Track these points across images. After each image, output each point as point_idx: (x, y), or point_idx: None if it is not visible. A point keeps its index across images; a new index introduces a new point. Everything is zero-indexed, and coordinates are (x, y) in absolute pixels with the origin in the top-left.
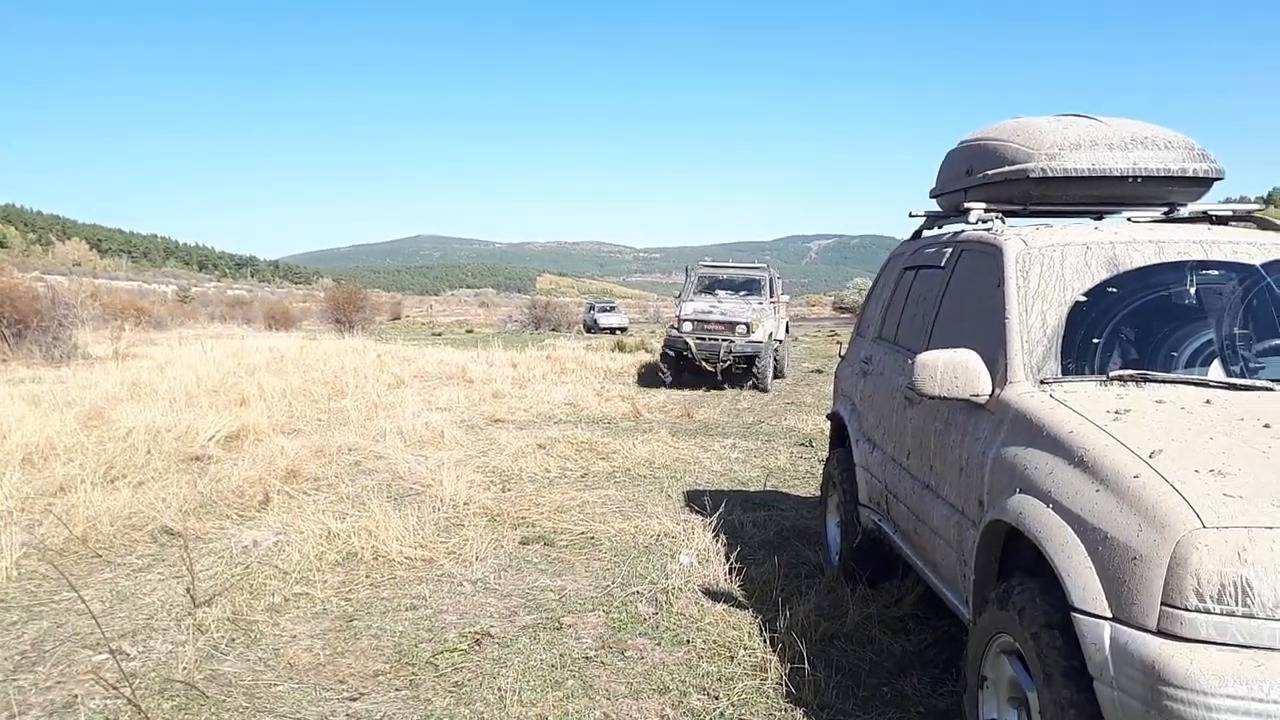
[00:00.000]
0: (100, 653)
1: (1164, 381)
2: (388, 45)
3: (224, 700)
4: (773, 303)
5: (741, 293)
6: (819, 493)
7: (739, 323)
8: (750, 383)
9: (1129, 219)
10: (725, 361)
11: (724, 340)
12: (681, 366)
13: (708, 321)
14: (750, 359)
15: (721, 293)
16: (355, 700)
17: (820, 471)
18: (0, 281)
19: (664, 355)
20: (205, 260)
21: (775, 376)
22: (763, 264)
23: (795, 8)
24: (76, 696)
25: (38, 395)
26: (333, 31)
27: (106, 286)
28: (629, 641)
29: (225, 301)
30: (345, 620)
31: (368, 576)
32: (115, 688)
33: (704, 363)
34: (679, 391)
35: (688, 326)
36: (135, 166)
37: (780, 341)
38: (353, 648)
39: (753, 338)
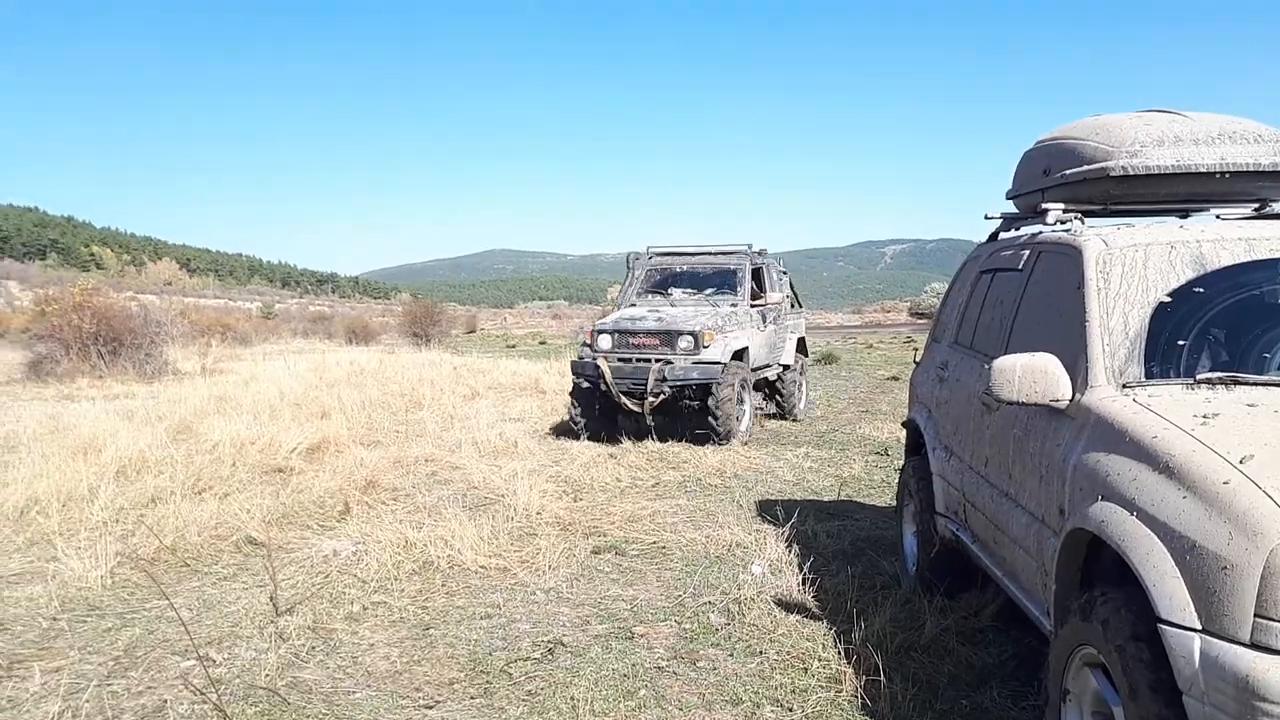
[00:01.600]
0: (188, 659)
1: (1256, 384)
2: (461, 63)
3: (304, 707)
4: (760, 306)
5: (709, 291)
6: (894, 502)
7: (680, 332)
8: (718, 436)
9: (1217, 216)
10: (657, 396)
11: (657, 361)
12: (602, 406)
13: (633, 333)
14: (704, 391)
15: (678, 292)
16: (431, 708)
17: (895, 480)
18: (96, 302)
19: (574, 389)
20: (288, 277)
21: (781, 416)
22: (742, 246)
23: (863, 11)
24: (166, 701)
25: (131, 410)
26: (407, 52)
27: (195, 304)
28: (701, 652)
29: (307, 317)
30: (421, 628)
31: (443, 585)
32: (202, 693)
33: (624, 399)
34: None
35: (604, 342)
36: (223, 188)
37: (785, 368)
38: (429, 656)
39: (703, 356)
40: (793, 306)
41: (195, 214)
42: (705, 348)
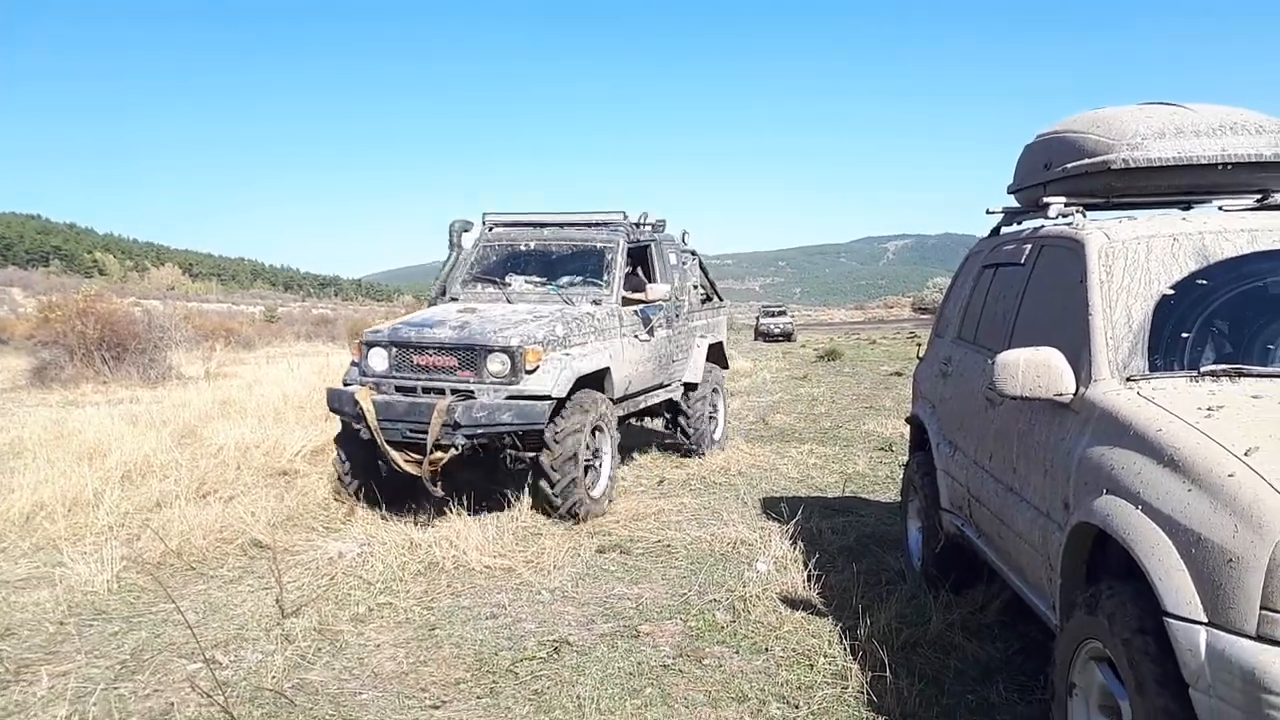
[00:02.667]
0: (195, 662)
1: (1260, 376)
2: (458, 63)
3: (311, 708)
4: (642, 304)
5: (566, 280)
6: (899, 498)
7: (488, 349)
8: (553, 508)
9: (1220, 208)
10: (447, 451)
11: (455, 394)
12: (373, 459)
13: (419, 347)
14: (527, 441)
15: (520, 282)
16: (437, 708)
17: (900, 476)
18: (100, 308)
19: (342, 433)
20: (291, 281)
21: (685, 451)
22: (615, 215)
23: (866, 5)
24: (173, 704)
25: (135, 415)
26: (408, 53)
27: (198, 309)
28: (707, 649)
29: (310, 320)
30: (427, 629)
31: (449, 585)
32: (209, 696)
33: (395, 455)
34: (753, 397)
35: (377, 361)
36: (225, 193)
37: (691, 387)
38: (435, 656)
39: (525, 387)
40: (706, 300)
41: (198, 219)
42: (528, 372)
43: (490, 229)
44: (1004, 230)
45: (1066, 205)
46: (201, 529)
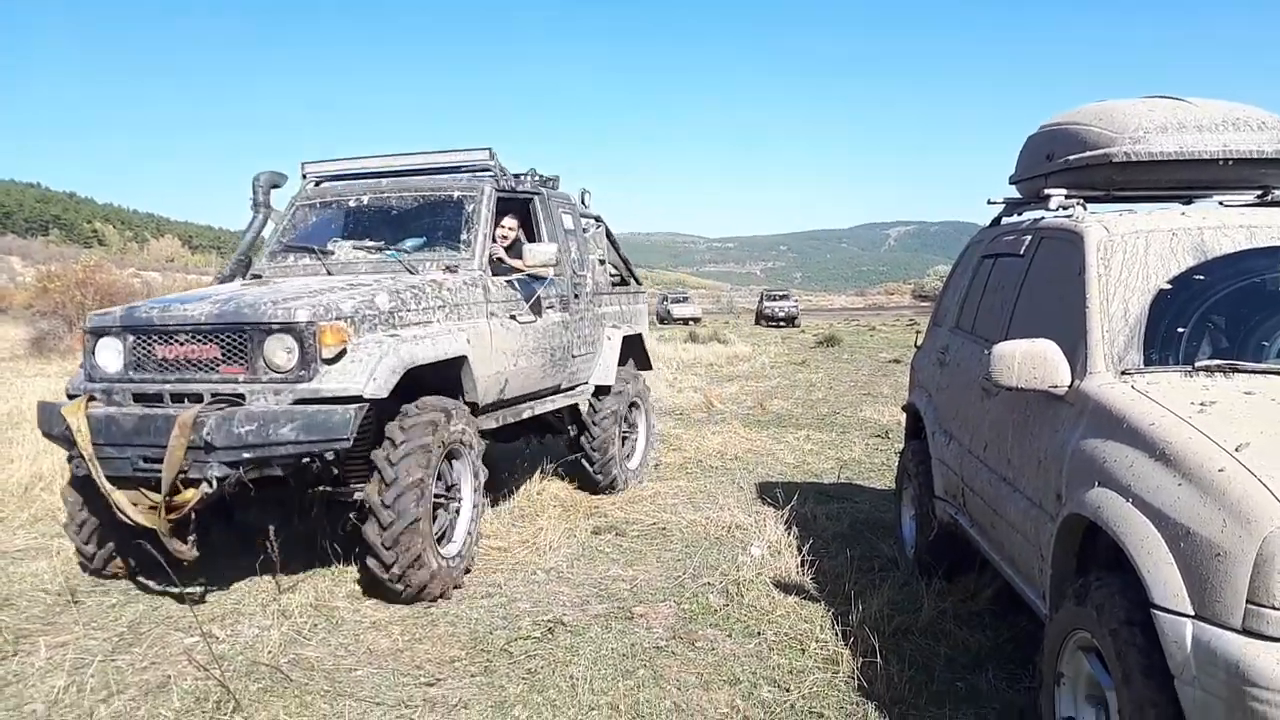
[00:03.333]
0: (192, 635)
1: (1254, 372)
2: (450, 36)
3: (306, 683)
4: (518, 272)
5: (413, 244)
6: (894, 485)
7: (264, 328)
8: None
9: (1220, 203)
10: (197, 487)
11: (214, 402)
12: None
13: (165, 334)
14: (343, 469)
15: (349, 248)
16: (432, 685)
17: (895, 463)
18: (99, 278)
19: (71, 482)
20: None
21: (600, 487)
22: (479, 154)
23: None
24: (170, 677)
25: None
26: (410, 22)
27: (198, 281)
28: (700, 632)
29: None
30: (423, 607)
31: None
32: (205, 669)
33: (119, 499)
34: (752, 382)
35: (108, 357)
36: (226, 164)
37: (601, 392)
38: (430, 634)
39: (323, 384)
40: (622, 283)
41: (198, 190)
42: (327, 361)
43: (314, 184)
44: (1005, 220)
45: (1067, 197)
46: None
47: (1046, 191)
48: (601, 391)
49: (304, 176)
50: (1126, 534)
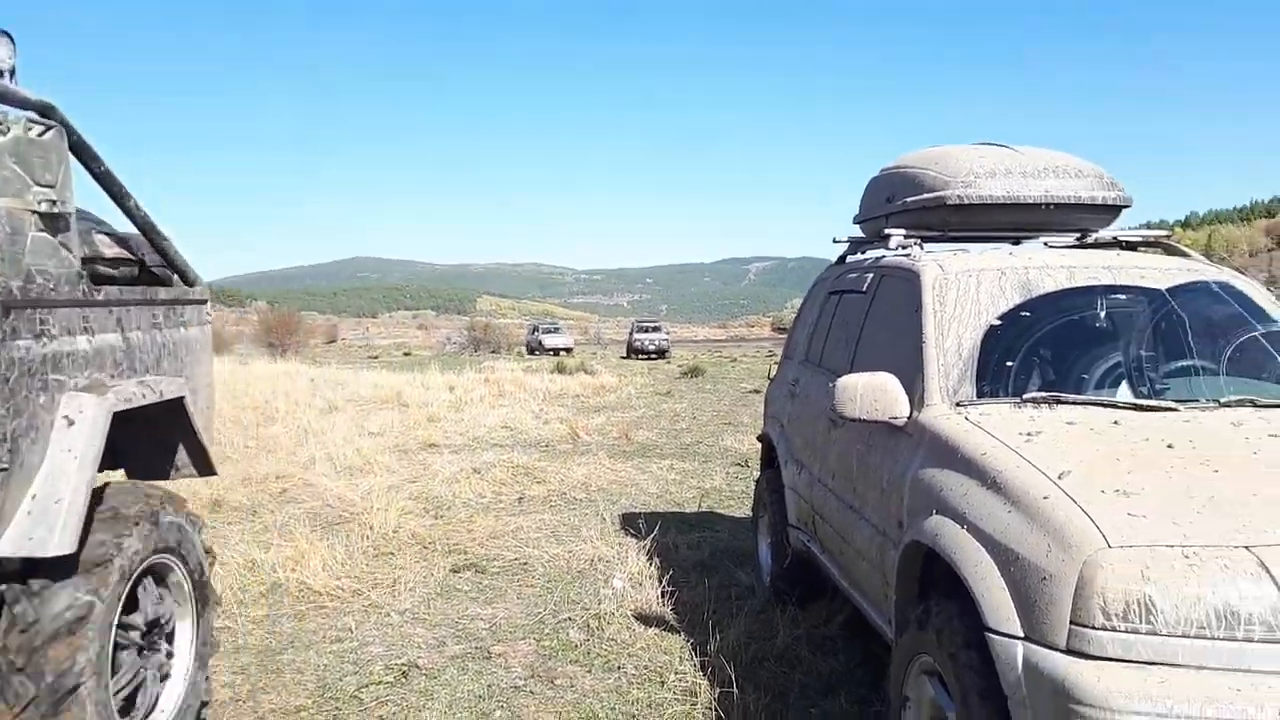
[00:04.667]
0: None
1: (1075, 403)
2: (322, 63)
3: None
4: None
5: None
6: (751, 514)
7: None
8: None
9: (1045, 244)
10: None
11: None
12: None
13: None
14: None
15: None
16: None
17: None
18: None
19: None
20: None
21: None
22: None
23: (729, 31)
24: None
25: None
26: (267, 46)
27: None
28: (559, 669)
29: None
30: (268, 654)
31: (292, 609)
32: None
33: None
34: (618, 413)
35: None
36: None
37: (45, 569)
38: (275, 683)
39: None
40: (143, 281)
41: None
42: None
43: None
44: (850, 259)
45: (906, 237)
46: None
47: (887, 231)
48: (40, 570)
49: None
50: (961, 560)
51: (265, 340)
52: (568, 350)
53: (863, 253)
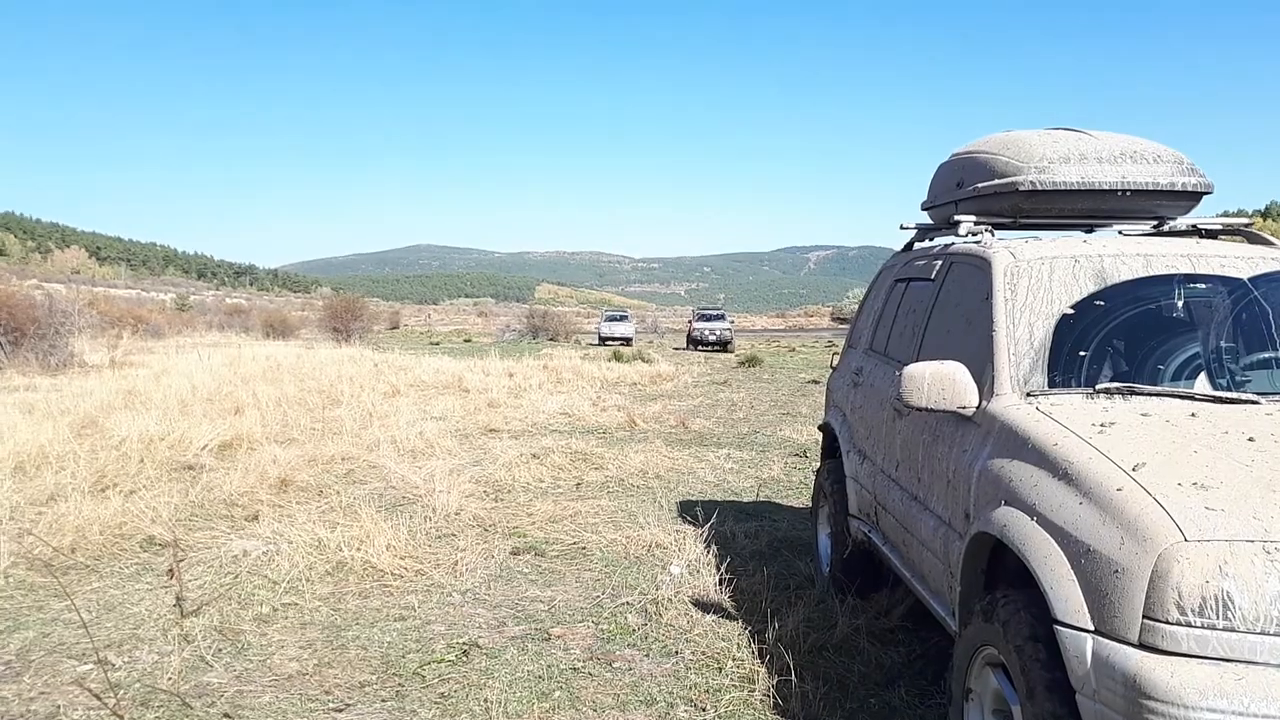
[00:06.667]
0: (85, 663)
1: (1150, 394)
2: (386, 53)
3: (207, 711)
4: None
5: None
6: (810, 504)
7: None
8: None
9: (1120, 232)
10: None
11: None
12: None
13: None
14: None
15: None
16: (340, 711)
17: (812, 482)
18: None
19: None
20: (204, 268)
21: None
22: None
23: (793, 17)
24: (60, 707)
25: (32, 403)
26: (332, 38)
27: (105, 294)
28: (617, 653)
29: (223, 310)
30: (333, 630)
31: (357, 587)
32: (99, 698)
33: None
34: (674, 401)
35: None
36: (135, 173)
37: None
38: (340, 658)
39: None
40: None
41: (107, 200)
42: None
43: None
44: (917, 246)
45: (976, 223)
46: (99, 524)
47: (956, 218)
48: None
49: None
50: (1030, 551)
51: (330, 325)
52: (627, 340)
53: (930, 240)
